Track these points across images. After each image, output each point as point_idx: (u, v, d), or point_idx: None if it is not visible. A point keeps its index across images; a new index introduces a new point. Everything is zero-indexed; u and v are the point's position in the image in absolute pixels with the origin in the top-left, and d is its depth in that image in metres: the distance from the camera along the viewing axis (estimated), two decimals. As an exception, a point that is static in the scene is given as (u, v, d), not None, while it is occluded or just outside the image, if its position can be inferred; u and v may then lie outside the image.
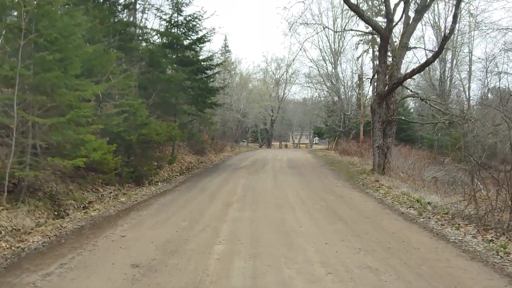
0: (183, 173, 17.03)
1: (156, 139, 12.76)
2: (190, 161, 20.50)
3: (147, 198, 10.59)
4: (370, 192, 12.18)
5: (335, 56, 39.51)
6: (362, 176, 16.18)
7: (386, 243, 6.55)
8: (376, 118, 17.73)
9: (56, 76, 8.41)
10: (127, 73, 13.29)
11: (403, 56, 18.29)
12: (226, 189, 12.26)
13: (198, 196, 10.86)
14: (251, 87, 52.54)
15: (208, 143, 27.50)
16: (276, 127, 60.39)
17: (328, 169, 18.91)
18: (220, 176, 15.46)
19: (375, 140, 17.78)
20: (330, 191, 12.14)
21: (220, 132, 34.59)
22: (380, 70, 17.60)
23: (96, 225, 7.61)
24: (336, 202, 10.38)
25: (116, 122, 12.00)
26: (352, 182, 14.44)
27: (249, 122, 51.35)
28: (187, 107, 19.03)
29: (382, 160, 17.65)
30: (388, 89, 16.99)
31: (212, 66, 18.72)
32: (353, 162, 22.74)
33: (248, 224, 7.71)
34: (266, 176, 15.46)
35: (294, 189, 12.34)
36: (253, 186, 12.77)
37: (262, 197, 10.79)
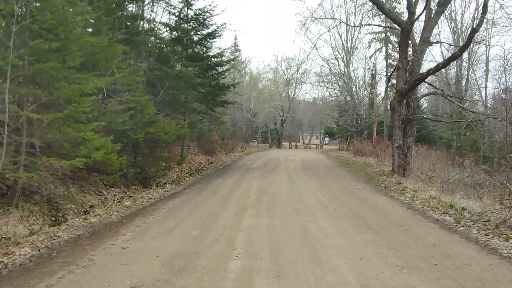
0: (192, 174, 16.13)
1: (164, 138, 11.86)
2: (200, 162, 19.62)
3: (154, 202, 9.67)
4: (395, 196, 11.17)
5: (347, 55, 38.45)
6: (382, 178, 15.16)
7: (430, 258, 5.56)
8: (396, 116, 16.70)
9: (53, 67, 7.54)
10: (133, 67, 12.46)
11: (424, 51, 17.22)
12: (239, 191, 11.32)
13: (209, 200, 9.93)
14: (261, 86, 51.67)
15: (218, 143, 26.63)
16: (286, 127, 59.38)
17: (345, 170, 17.90)
18: (232, 178, 14.53)
19: (395, 140, 16.75)
20: (351, 194, 11.15)
21: (230, 132, 33.72)
22: (401, 66, 16.56)
23: (95, 233, 6.70)
24: (360, 207, 9.39)
25: (122, 120, 11.15)
26: (373, 185, 13.42)
27: (259, 122, 50.43)
28: (197, 105, 18.14)
29: (402, 161, 16.62)
30: (409, 86, 15.94)
31: (223, 62, 17.81)
32: (369, 163, 21.69)
33: (266, 233, 6.75)
34: (280, 178, 14.50)
35: (312, 192, 11.37)
36: (268, 189, 11.82)
37: (278, 201, 9.83)
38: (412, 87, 16.08)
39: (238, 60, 48.15)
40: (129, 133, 11.56)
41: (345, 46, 38.53)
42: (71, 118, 8.02)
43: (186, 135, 12.92)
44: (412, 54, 17.01)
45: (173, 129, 12.38)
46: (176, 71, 14.37)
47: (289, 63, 52.65)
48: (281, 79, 53.47)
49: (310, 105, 70.44)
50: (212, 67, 17.70)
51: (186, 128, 12.92)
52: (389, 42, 40.12)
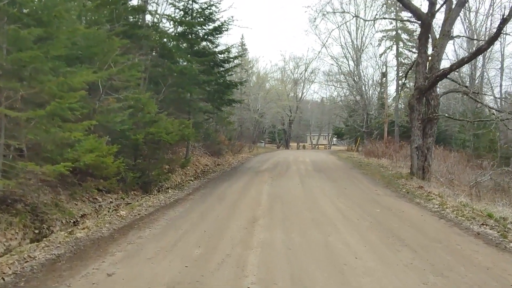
0: (198, 177, 15.00)
1: (166, 138, 10.74)
2: (205, 164, 18.51)
3: (153, 211, 8.53)
4: (421, 203, 9.97)
5: (357, 53, 37.21)
6: (400, 182, 13.97)
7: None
8: (415, 115, 15.48)
9: (34, 57, 6.44)
10: (132, 62, 11.36)
11: (444, 45, 15.98)
12: (249, 198, 10.18)
13: (215, 208, 8.79)
14: (269, 86, 50.53)
15: (225, 144, 25.54)
16: (294, 128, 58.17)
17: (359, 173, 16.69)
18: (240, 181, 13.39)
19: (414, 141, 15.54)
20: (372, 201, 9.97)
21: (237, 133, 32.59)
22: (420, 61, 15.35)
23: (79, 253, 5.58)
24: (386, 216, 8.21)
25: (120, 119, 10.08)
26: (393, 189, 12.23)
27: (266, 122, 49.25)
28: (202, 104, 17.03)
29: (421, 162, 15.42)
30: (430, 82, 14.74)
31: (230, 59, 16.68)
32: (383, 165, 20.47)
33: (283, 253, 5.60)
34: (292, 182, 13.34)
35: (328, 198, 10.21)
36: (280, 194, 10.67)
37: (293, 210, 8.67)
38: (433, 83, 14.88)
39: (245, 60, 47.07)
40: (128, 134, 10.49)
41: (354, 44, 37.30)
42: (56, 116, 6.94)
43: (190, 135, 11.79)
44: (432, 49, 15.77)
45: (176, 129, 11.27)
46: (180, 66, 13.24)
47: (296, 63, 51.55)
48: (288, 79, 52.32)
49: (317, 105, 69.31)
50: (218, 63, 16.57)
51: (191, 128, 11.79)
52: (400, 40, 38.83)
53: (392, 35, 39.07)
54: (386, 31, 39.11)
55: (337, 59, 38.55)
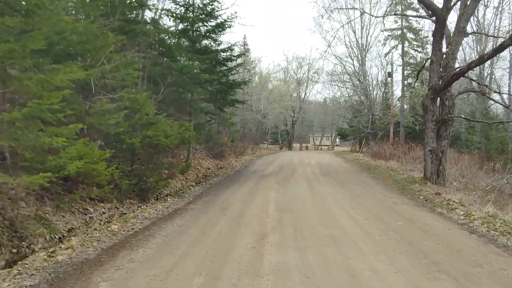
0: (199, 182, 14.06)
1: (165, 142, 9.80)
2: (207, 167, 17.55)
3: (149, 224, 7.57)
4: (444, 213, 9.00)
5: (362, 53, 36.24)
6: (415, 187, 13.02)
7: None
8: (429, 116, 14.52)
9: (9, 51, 5.50)
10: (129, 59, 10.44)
11: (460, 43, 15.02)
12: (255, 207, 9.21)
13: (218, 221, 7.83)
14: (271, 87, 49.58)
15: (227, 146, 24.60)
16: (297, 128, 57.21)
17: (369, 177, 15.72)
18: (244, 187, 12.44)
19: (427, 143, 14.57)
20: (390, 211, 9.00)
21: (240, 134, 31.64)
22: (434, 59, 14.37)
23: (56, 283, 4.63)
24: (410, 231, 7.24)
25: (114, 121, 9.16)
26: (409, 197, 11.26)
27: (269, 123, 48.31)
28: (204, 104, 16.08)
29: (435, 166, 14.45)
30: (445, 81, 13.77)
31: (233, 57, 15.73)
32: (392, 168, 19.50)
33: (300, 283, 4.64)
34: (300, 187, 12.38)
35: (342, 208, 9.24)
36: (288, 203, 9.71)
37: (304, 222, 7.71)
38: (448, 83, 13.90)
39: (247, 60, 46.13)
40: (124, 137, 9.55)
41: (359, 43, 36.31)
42: (36, 119, 6.00)
43: (191, 138, 10.83)
44: (446, 47, 14.79)
45: (176, 132, 10.32)
46: (180, 64, 12.28)
47: (300, 63, 50.63)
48: (291, 79, 51.36)
49: (320, 106, 68.34)
50: (221, 62, 15.61)
51: (192, 131, 10.83)
52: (406, 39, 37.85)
53: (397, 34, 38.08)
54: (391, 30, 38.15)
55: (341, 58, 37.50)
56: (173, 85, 13.04)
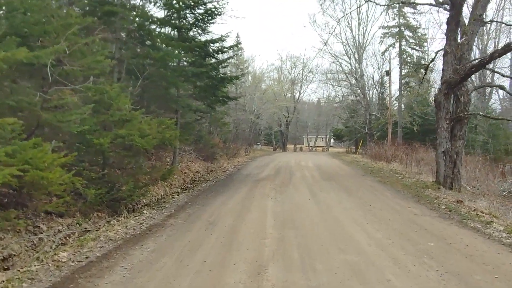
0: (186, 188, 12.27)
1: (140, 143, 8.00)
2: (197, 170, 15.75)
3: (112, 249, 5.75)
4: (479, 228, 7.28)
5: (359, 50, 34.59)
6: (430, 193, 11.37)
7: None
8: (442, 114, 12.85)
9: None
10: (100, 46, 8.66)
11: (476, 32, 13.35)
12: (249, 222, 7.44)
13: (202, 243, 6.04)
14: (265, 86, 47.88)
15: (219, 147, 22.81)
16: (291, 129, 55.48)
17: (375, 181, 14.00)
18: (237, 195, 10.67)
19: (440, 144, 12.92)
20: (414, 226, 7.26)
21: (232, 134, 29.85)
22: (449, 50, 12.71)
23: None
24: (450, 257, 5.51)
25: (78, 117, 7.41)
26: (428, 206, 9.55)
27: (262, 123, 46.55)
28: (193, 101, 14.28)
29: (450, 170, 12.79)
30: (462, 74, 12.10)
31: (224, 49, 13.94)
32: (396, 170, 17.83)
33: None
34: (301, 195, 10.63)
35: (354, 221, 7.51)
36: (289, 215, 7.95)
37: (313, 244, 5.95)
38: (466, 76, 12.26)
39: (241, 59, 44.38)
40: (90, 137, 7.76)
41: (356, 41, 34.67)
42: None
43: (173, 138, 9.00)
44: (461, 36, 13.12)
45: (155, 131, 8.53)
46: (161, 53, 10.47)
47: (294, 62, 48.90)
48: (285, 79, 49.64)
49: (314, 106, 66.82)
50: (210, 54, 13.81)
51: (174, 130, 9.04)
52: (403, 37, 36.31)
53: (394, 32, 36.54)
54: (388, 27, 36.57)
55: (338, 56, 35.82)
56: (155, 78, 11.26)
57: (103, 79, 8.64)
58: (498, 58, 11.70)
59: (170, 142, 8.77)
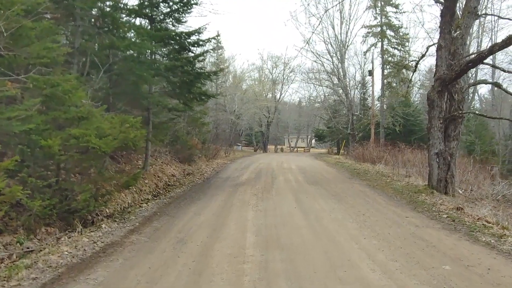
0: (158, 194, 10.96)
1: (97, 144, 6.68)
2: (172, 174, 14.43)
3: (47, 282, 4.44)
4: (494, 244, 6.18)
5: (342, 49, 33.65)
6: (425, 199, 10.37)
7: None
8: (435, 113, 11.86)
9: None
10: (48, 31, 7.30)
11: (470, 26, 12.43)
12: (225, 239, 6.19)
13: (165, 271, 4.76)
14: (246, 86, 46.74)
15: (198, 148, 21.47)
16: (272, 130, 54.34)
17: (364, 185, 12.92)
18: (213, 203, 9.42)
19: (433, 145, 11.93)
20: (420, 242, 6.12)
21: (212, 135, 28.53)
22: (443, 44, 11.71)
23: None
24: (476, 286, 4.40)
25: (19, 113, 6.12)
26: (427, 214, 8.47)
27: (243, 124, 45.34)
28: (166, 99, 12.94)
29: (443, 173, 11.81)
30: (458, 70, 11.11)
31: (201, 41, 12.66)
32: (382, 173, 16.86)
33: None
34: (285, 202, 9.43)
35: (350, 236, 6.34)
36: (274, 230, 6.74)
37: (305, 272, 4.74)
38: (462, 71, 11.27)
39: (221, 58, 43.12)
40: (36, 138, 6.42)
41: (338, 40, 33.73)
42: None
43: (138, 139, 7.67)
44: (454, 31, 12.14)
45: (117, 131, 7.22)
46: (126, 41, 9.13)
47: (275, 62, 47.81)
48: (266, 79, 48.51)
49: (295, 107, 65.95)
50: (186, 47, 12.49)
51: (140, 129, 7.73)
52: (385, 37, 35.53)
53: (376, 31, 35.74)
54: (370, 26, 35.76)
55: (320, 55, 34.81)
56: (122, 71, 9.94)
57: (58, 70, 7.31)
58: (499, 51, 10.69)
59: (134, 143, 7.48)
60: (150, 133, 12.31)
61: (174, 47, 12.13)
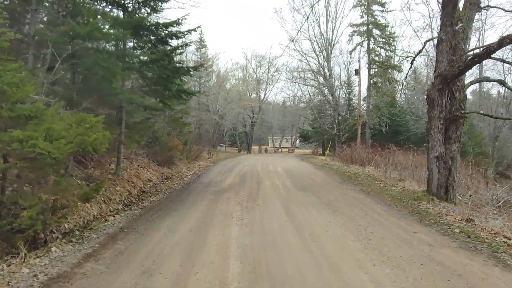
0: (130, 204, 9.62)
1: (46, 150, 5.36)
2: (148, 178, 13.07)
3: None
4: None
5: (328, 48, 32.62)
6: (428, 208, 9.36)
7: None
8: (435, 113, 10.82)
9: None
10: None
11: (472, 19, 11.42)
12: (203, 269, 4.90)
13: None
14: (230, 86, 45.42)
15: (179, 150, 20.15)
16: (256, 130, 53.05)
17: (358, 191, 11.80)
18: (191, 214, 8.14)
19: (433, 147, 10.89)
20: (440, 268, 4.97)
21: (195, 136, 27.17)
22: (444, 37, 10.65)
23: None
24: None
25: None
26: (437, 228, 7.36)
27: (226, 124, 44.03)
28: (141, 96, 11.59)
29: (444, 178, 10.78)
30: (461, 66, 10.07)
31: (180, 33, 11.34)
32: (374, 176, 15.83)
33: None
34: (273, 213, 8.22)
35: (357, 264, 5.14)
36: (263, 253, 5.52)
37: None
38: (466, 67, 10.26)
39: (204, 57, 41.75)
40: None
41: (324, 38, 32.68)
42: None
43: (99, 143, 6.30)
44: (455, 24, 11.10)
45: (72, 134, 5.89)
46: (89, 26, 7.77)
47: (259, 61, 46.58)
48: (251, 78, 47.24)
49: (279, 107, 64.89)
50: (163, 40, 11.17)
51: (103, 131, 6.40)
52: (371, 36, 34.64)
53: (363, 30, 34.82)
54: (356, 25, 34.83)
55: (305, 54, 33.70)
56: (87, 64, 8.59)
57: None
58: (508, 44, 9.65)
59: (95, 147, 6.17)
60: (122, 134, 10.98)
61: (150, 38, 10.80)
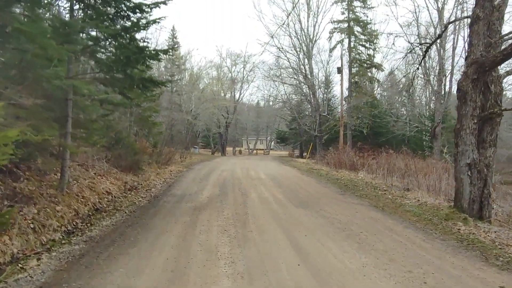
0: (73, 231, 6.86)
1: None
2: (106, 190, 10.27)
3: None
4: None
5: (309, 44, 30.31)
6: (472, 232, 6.96)
7: None
8: (468, 109, 8.54)
9: None
10: None
11: (508, -5, 9.21)
12: None
13: None
14: (203, 85, 42.65)
15: (147, 153, 17.34)
16: (230, 131, 50.34)
17: (368, 206, 9.38)
18: (155, 256, 5.46)
19: (464, 153, 8.59)
20: None
21: (166, 137, 24.29)
22: (482, 14, 8.37)
23: None
24: None
25: None
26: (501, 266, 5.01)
27: (200, 125, 41.18)
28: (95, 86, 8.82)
29: (478, 191, 8.51)
30: (510, 49, 7.80)
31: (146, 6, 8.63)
32: (373, 184, 13.54)
33: None
34: (276, 250, 5.66)
35: None
36: None
37: None
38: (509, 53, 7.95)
39: (177, 54, 38.86)
40: None
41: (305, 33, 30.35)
42: None
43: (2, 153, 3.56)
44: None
45: None
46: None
47: (234, 60, 43.95)
48: (225, 77, 44.54)
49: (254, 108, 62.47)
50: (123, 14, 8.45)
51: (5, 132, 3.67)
52: (353, 33, 32.62)
53: (344, 27, 32.74)
54: (337, 22, 32.72)
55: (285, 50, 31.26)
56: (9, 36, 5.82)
57: None
58: None
59: None
60: (68, 136, 8.18)
61: (105, 9, 8.06)
